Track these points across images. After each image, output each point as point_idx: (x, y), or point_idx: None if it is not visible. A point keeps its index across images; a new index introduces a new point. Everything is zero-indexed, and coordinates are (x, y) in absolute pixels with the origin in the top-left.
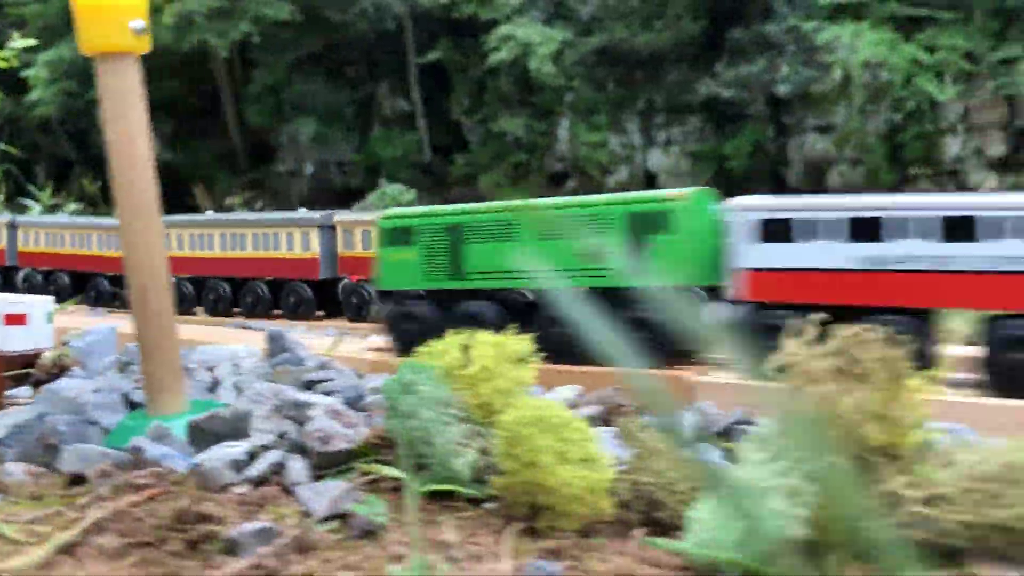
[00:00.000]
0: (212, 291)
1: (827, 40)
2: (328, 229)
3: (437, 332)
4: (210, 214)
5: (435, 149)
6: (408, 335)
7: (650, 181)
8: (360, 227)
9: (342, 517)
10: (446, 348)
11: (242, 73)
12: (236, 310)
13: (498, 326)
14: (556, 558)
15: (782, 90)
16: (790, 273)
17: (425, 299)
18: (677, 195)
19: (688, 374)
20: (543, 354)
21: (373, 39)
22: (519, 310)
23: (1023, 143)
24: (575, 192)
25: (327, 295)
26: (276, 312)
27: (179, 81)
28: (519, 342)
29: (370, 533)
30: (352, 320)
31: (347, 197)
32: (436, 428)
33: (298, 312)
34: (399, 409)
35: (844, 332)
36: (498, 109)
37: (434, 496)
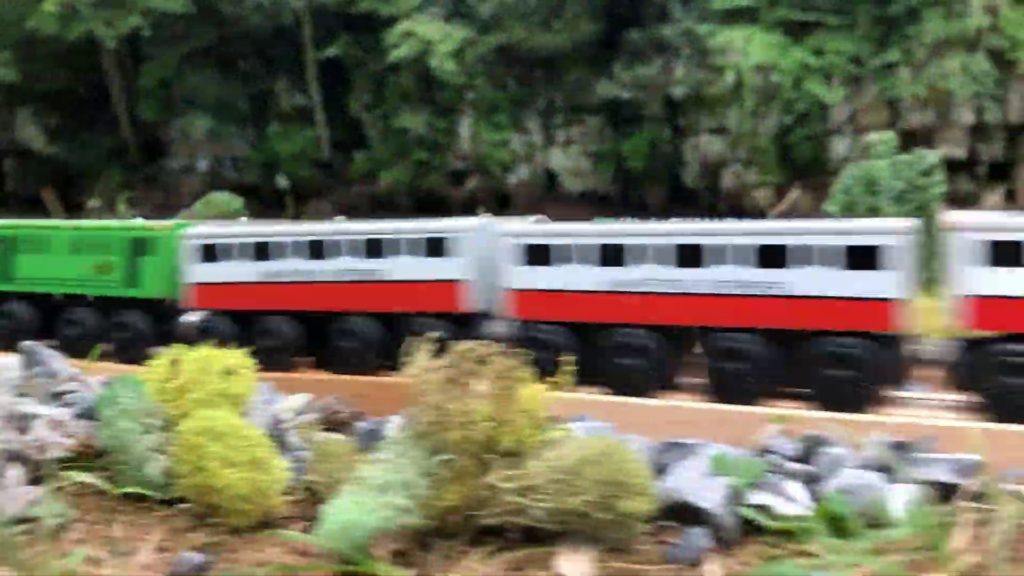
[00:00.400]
0: None
1: (720, 44)
2: None
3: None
4: None
5: (335, 145)
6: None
7: (551, 180)
8: None
9: (33, 520)
10: (158, 363)
11: (133, 65)
12: None
13: (31, 324)
14: (215, 550)
15: (678, 92)
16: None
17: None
18: (161, 226)
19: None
20: None
21: (269, 33)
22: (49, 310)
23: (906, 143)
24: (476, 191)
25: None
26: None
27: (66, 72)
28: (230, 355)
29: (54, 532)
30: None
31: (242, 194)
32: (132, 437)
33: None
34: (103, 420)
35: (458, 347)
36: (399, 106)
37: (131, 499)
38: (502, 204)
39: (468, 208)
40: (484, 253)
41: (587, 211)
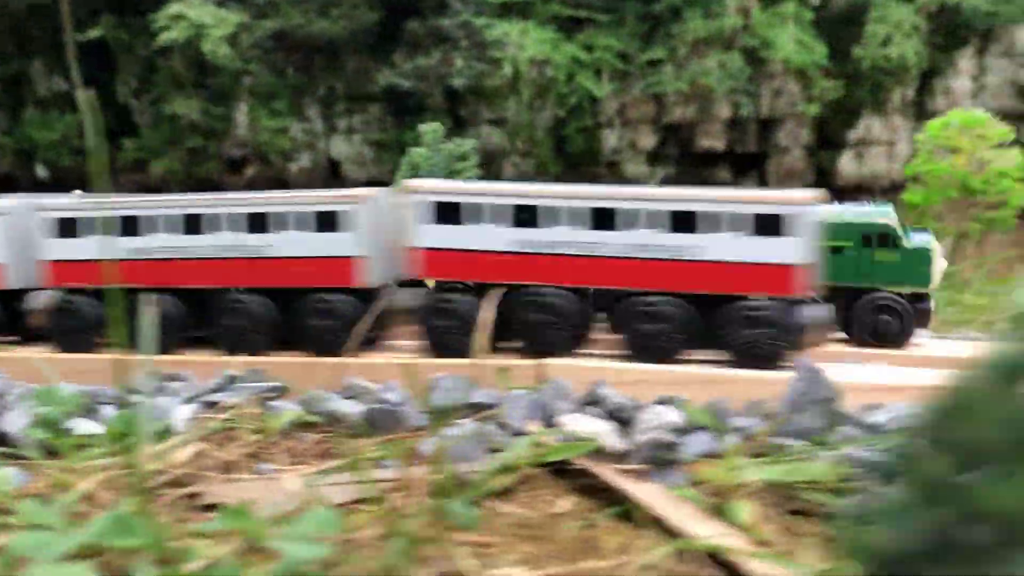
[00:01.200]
0: None
1: (497, 37)
2: None
3: None
4: None
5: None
6: None
7: (334, 169)
8: None
9: None
10: None
11: None
12: None
13: None
14: None
15: (457, 83)
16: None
17: None
18: None
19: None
20: None
21: (24, 12)
22: None
23: (669, 137)
24: (255, 178)
25: None
26: None
27: None
28: None
29: None
30: None
31: None
32: None
33: None
34: None
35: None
36: (170, 91)
37: None
38: None
39: None
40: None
41: None
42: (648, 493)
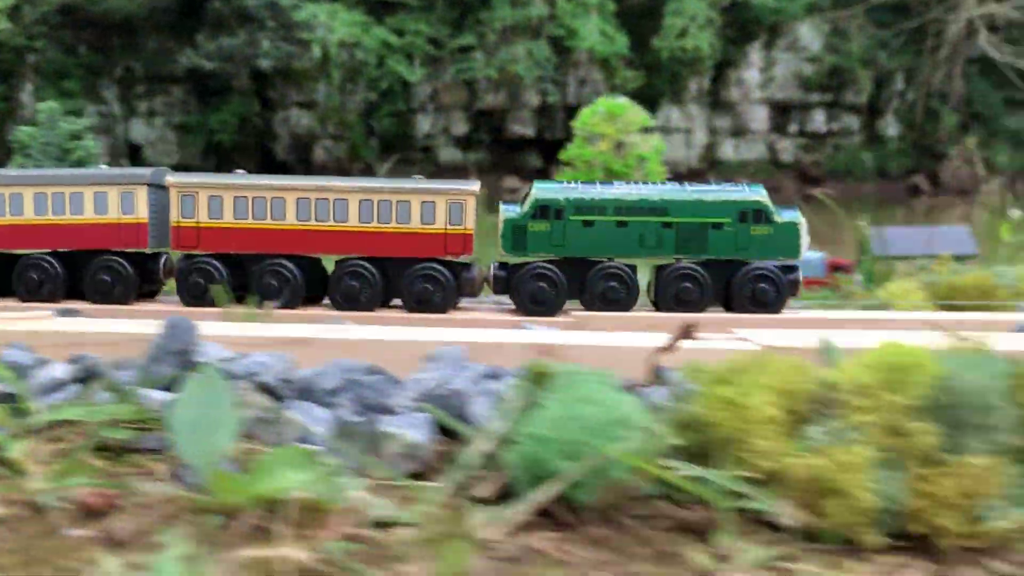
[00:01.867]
0: None
1: (304, 18)
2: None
3: None
4: None
5: None
6: None
7: (134, 153)
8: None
9: None
10: None
11: None
12: None
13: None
14: None
15: (264, 64)
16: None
17: None
18: None
19: None
20: None
21: None
22: None
23: (481, 123)
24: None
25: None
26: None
27: None
28: None
29: None
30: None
31: None
32: None
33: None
34: None
35: None
36: None
37: None
38: None
39: None
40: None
41: None
42: None
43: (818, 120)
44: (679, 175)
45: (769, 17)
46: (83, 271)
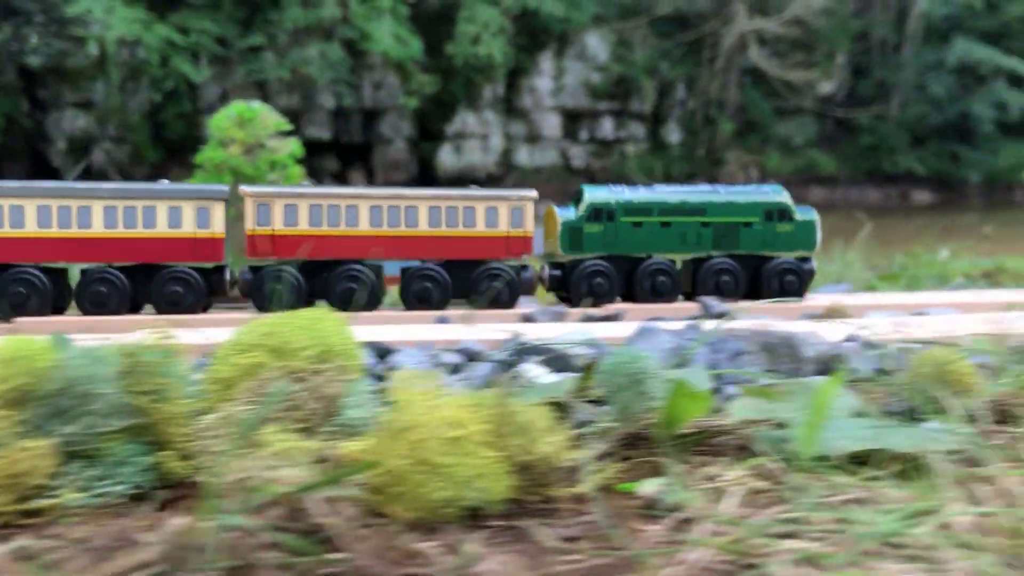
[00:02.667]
0: None
1: (79, 13)
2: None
3: None
4: None
5: None
6: None
7: None
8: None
9: None
10: None
11: None
12: None
13: None
14: None
15: (34, 62)
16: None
17: None
18: None
19: None
20: None
21: None
22: None
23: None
24: None
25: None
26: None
27: None
28: None
29: None
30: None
31: None
32: None
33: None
34: None
35: None
36: None
37: None
38: None
39: None
40: None
41: None
42: None
43: (607, 127)
44: (476, 180)
45: (558, 26)
46: (150, 282)
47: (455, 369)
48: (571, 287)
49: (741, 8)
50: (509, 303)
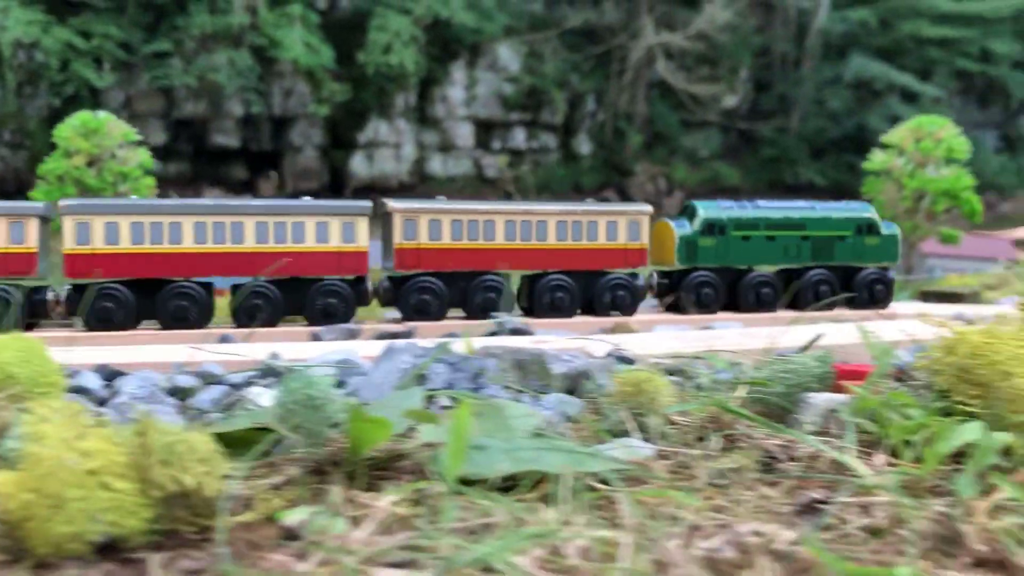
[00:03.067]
0: None
1: None
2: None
3: None
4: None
5: None
6: None
7: None
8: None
9: None
10: None
11: None
12: None
13: None
14: None
15: None
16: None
17: None
18: None
19: None
20: None
21: None
22: None
23: (182, 133)
24: None
25: None
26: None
27: None
28: None
29: None
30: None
31: None
32: None
33: None
34: None
35: None
36: None
37: None
38: None
39: None
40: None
41: None
42: None
43: (519, 138)
44: (388, 189)
45: (469, 37)
46: (303, 295)
47: (185, 393)
48: (680, 296)
49: (648, 22)
50: (631, 309)
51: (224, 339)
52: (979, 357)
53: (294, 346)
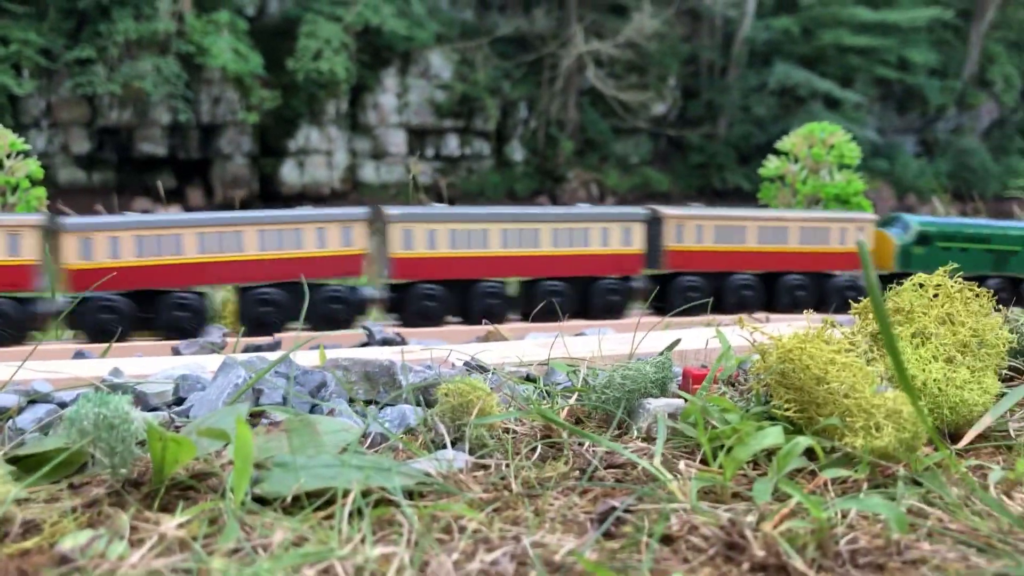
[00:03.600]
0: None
1: None
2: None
3: None
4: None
5: None
6: None
7: None
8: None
9: None
10: None
11: None
12: None
13: None
14: None
15: None
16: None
17: None
18: None
19: None
20: None
21: None
22: None
23: (107, 141)
24: None
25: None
26: None
27: None
28: None
29: None
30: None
31: None
32: None
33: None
34: None
35: None
36: None
37: None
38: None
39: None
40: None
41: None
42: None
43: (452, 145)
44: (320, 197)
45: (401, 44)
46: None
47: (6, 414)
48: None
49: (578, 31)
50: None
51: (79, 355)
52: (793, 362)
53: (140, 361)
